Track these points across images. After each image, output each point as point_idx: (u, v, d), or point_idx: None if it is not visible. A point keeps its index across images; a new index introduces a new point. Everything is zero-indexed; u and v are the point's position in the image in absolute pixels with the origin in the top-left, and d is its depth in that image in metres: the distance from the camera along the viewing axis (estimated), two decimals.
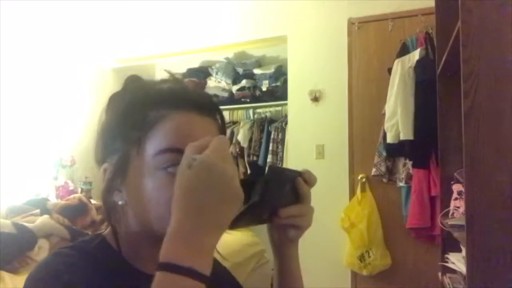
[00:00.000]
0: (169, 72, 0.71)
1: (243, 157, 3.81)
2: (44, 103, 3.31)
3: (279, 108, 3.85)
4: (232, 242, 2.66)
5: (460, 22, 1.12)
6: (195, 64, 4.27)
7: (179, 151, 0.56)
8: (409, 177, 2.74)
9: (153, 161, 0.59)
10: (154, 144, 0.59)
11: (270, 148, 3.61)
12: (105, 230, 0.66)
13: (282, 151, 3.53)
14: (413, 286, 2.79)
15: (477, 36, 1.08)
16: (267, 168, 0.60)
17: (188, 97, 0.63)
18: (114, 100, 0.67)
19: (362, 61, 3.03)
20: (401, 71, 2.68)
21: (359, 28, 3.03)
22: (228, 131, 3.79)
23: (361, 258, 2.82)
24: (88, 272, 0.57)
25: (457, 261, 1.59)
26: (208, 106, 0.65)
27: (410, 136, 2.61)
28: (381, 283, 2.88)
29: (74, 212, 2.48)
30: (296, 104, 3.26)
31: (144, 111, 0.61)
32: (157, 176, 0.59)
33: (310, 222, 0.67)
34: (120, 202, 0.62)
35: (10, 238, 1.98)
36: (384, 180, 2.88)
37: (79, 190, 3.24)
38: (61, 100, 3.46)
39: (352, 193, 3.01)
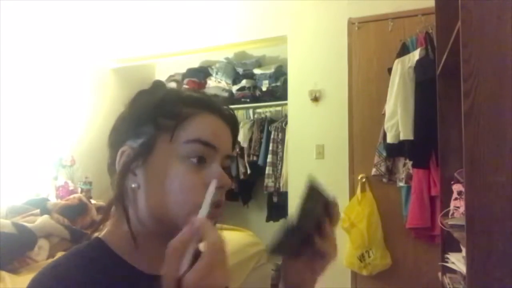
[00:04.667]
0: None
1: (243, 157, 3.81)
2: (44, 103, 3.31)
3: (279, 108, 3.86)
4: (232, 242, 2.66)
5: (460, 22, 1.11)
6: (195, 64, 4.27)
7: (208, 145, 0.63)
8: (409, 177, 2.74)
9: (182, 148, 0.62)
10: (186, 133, 0.63)
11: (270, 148, 3.61)
12: (102, 232, 0.66)
13: (282, 151, 3.53)
14: (413, 286, 2.79)
15: (477, 36, 1.08)
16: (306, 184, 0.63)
17: (216, 105, 0.68)
18: (143, 95, 0.68)
19: (362, 61, 3.02)
20: (401, 71, 2.68)
21: (359, 28, 3.02)
22: None
23: (361, 258, 2.82)
24: (82, 281, 0.57)
25: (457, 261, 1.59)
26: (231, 120, 0.70)
27: (410, 136, 2.61)
28: (381, 283, 2.88)
29: (74, 212, 2.48)
30: (296, 104, 3.26)
31: (178, 105, 0.64)
32: (183, 164, 0.62)
33: (337, 251, 0.67)
34: (133, 185, 0.63)
35: (10, 238, 1.98)
36: (384, 180, 2.88)
37: (79, 190, 3.24)
38: (61, 100, 3.46)
39: (352, 193, 3.00)
